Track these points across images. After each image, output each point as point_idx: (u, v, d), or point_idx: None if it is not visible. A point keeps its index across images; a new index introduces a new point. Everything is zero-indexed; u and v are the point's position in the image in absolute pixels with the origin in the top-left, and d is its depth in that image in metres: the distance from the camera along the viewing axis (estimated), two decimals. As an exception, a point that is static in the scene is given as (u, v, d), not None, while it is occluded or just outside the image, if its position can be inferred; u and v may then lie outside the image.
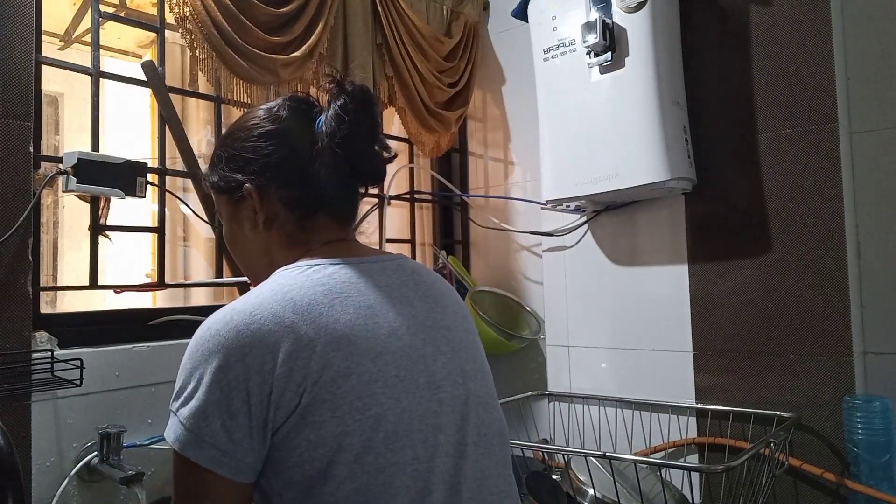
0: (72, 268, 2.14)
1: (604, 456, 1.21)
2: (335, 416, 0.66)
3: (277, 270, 0.78)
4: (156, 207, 1.50)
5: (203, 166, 1.59)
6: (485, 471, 0.75)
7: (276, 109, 0.84)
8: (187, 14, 1.39)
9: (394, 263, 0.83)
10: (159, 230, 1.45)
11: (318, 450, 0.66)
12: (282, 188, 0.82)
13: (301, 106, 0.85)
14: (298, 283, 0.73)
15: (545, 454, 1.56)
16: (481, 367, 0.84)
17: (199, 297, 1.79)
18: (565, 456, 1.41)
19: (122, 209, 1.39)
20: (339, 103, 0.79)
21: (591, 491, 1.30)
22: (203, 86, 1.69)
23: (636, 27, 1.53)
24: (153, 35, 1.57)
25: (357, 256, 0.81)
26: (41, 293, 1.25)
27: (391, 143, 1.47)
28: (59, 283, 2.14)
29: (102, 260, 1.36)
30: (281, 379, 0.66)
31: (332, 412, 0.66)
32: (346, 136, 0.78)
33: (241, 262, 0.90)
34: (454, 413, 0.75)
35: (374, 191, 1.86)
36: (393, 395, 0.70)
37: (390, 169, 1.12)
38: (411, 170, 2.10)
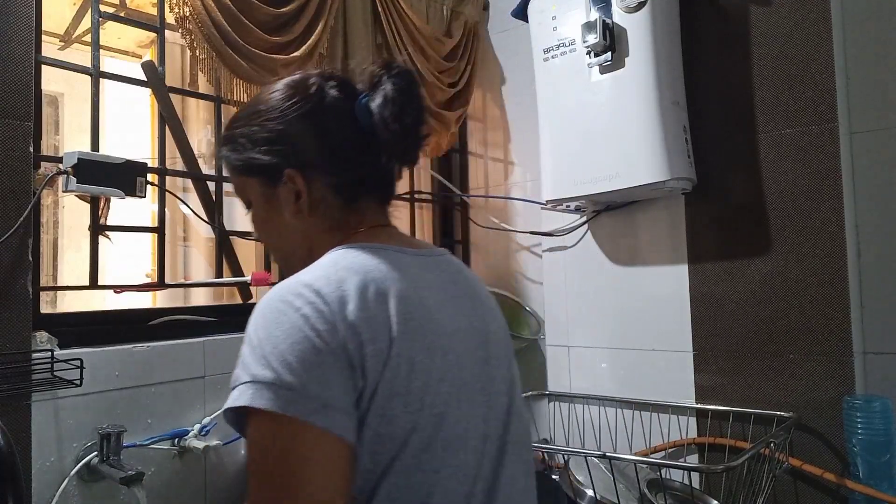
0: (72, 268, 2.14)
1: (604, 456, 1.21)
2: (407, 412, 0.63)
3: (337, 249, 0.72)
4: (156, 207, 1.50)
5: (203, 166, 1.60)
6: (515, 477, 0.74)
7: (315, 88, 0.76)
8: (187, 14, 1.39)
9: (444, 259, 0.80)
10: (159, 230, 1.45)
11: (384, 444, 0.63)
12: (330, 173, 0.75)
13: (346, 86, 0.77)
14: (373, 264, 0.69)
15: (545, 454, 1.56)
16: (517, 373, 0.82)
17: (199, 297, 1.79)
18: (565, 456, 1.41)
19: (122, 209, 1.39)
20: (393, 83, 0.73)
21: (589, 492, 1.30)
22: (203, 86, 1.69)
23: (636, 27, 1.53)
24: (153, 35, 1.57)
25: (412, 248, 0.76)
26: (41, 293, 1.25)
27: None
28: (59, 283, 2.15)
29: (102, 260, 1.36)
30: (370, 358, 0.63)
31: (404, 406, 0.63)
32: (404, 116, 0.73)
33: (277, 247, 0.84)
34: (498, 421, 0.73)
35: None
36: (455, 396, 0.68)
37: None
38: (411, 170, 2.10)
